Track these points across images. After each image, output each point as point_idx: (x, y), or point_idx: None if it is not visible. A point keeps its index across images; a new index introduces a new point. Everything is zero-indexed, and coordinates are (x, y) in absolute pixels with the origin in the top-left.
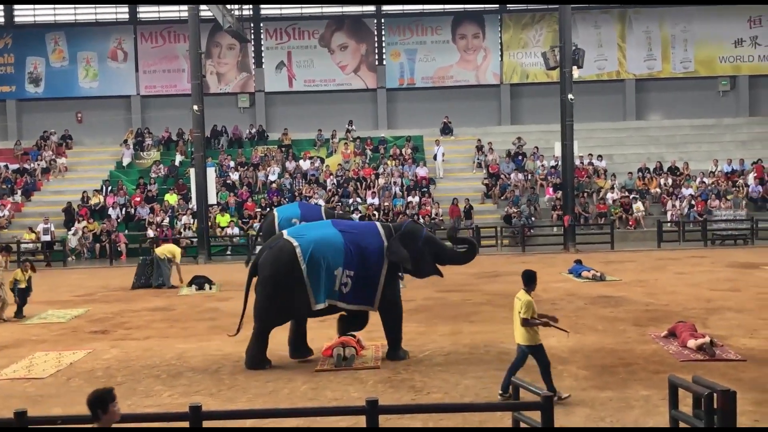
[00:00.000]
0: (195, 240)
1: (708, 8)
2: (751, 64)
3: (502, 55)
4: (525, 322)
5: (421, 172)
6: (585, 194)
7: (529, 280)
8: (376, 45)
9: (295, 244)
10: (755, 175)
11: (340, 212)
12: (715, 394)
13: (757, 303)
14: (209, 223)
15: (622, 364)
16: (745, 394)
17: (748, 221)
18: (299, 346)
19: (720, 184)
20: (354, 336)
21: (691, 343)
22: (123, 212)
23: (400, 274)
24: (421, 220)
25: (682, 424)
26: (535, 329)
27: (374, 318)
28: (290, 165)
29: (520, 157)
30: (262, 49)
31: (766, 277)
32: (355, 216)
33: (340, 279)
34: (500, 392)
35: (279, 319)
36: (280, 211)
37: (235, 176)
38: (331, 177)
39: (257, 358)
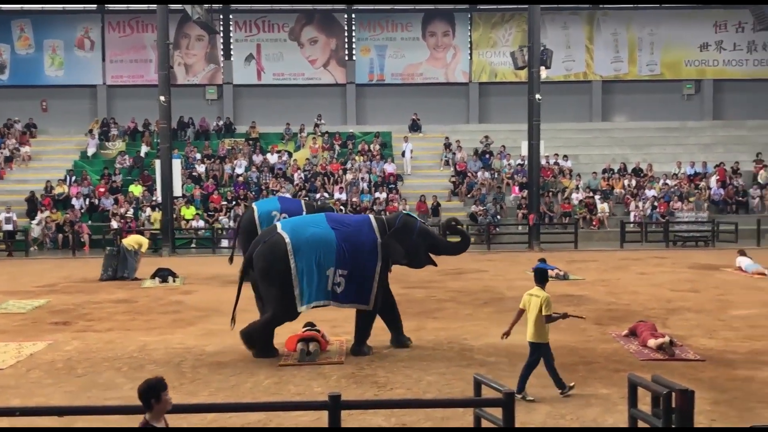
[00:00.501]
0: (158, 232)
1: (675, 12)
2: (716, 69)
3: (471, 54)
4: (549, 319)
5: (389, 168)
6: (550, 194)
7: (542, 277)
8: (346, 40)
9: (287, 240)
10: (717, 178)
11: (321, 204)
12: (673, 394)
13: (716, 304)
14: (174, 216)
15: (583, 363)
16: (704, 393)
17: (710, 223)
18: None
19: (683, 186)
20: (318, 331)
21: (651, 342)
22: (87, 203)
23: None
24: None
25: (640, 423)
26: (546, 326)
27: (336, 313)
28: (257, 158)
29: (487, 156)
30: (231, 41)
31: (726, 278)
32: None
33: (332, 279)
34: (516, 393)
35: (293, 308)
36: (259, 204)
37: (201, 169)
38: (299, 171)
39: (264, 347)
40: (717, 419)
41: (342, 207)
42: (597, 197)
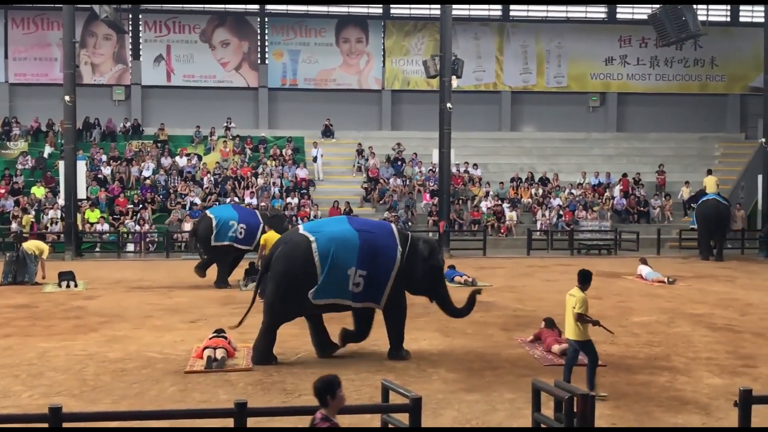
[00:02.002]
0: (60, 236)
1: (581, 26)
2: (620, 82)
3: (384, 61)
4: (579, 318)
5: (301, 173)
6: (460, 201)
7: (585, 278)
8: (259, 43)
9: (312, 239)
10: (621, 188)
11: (273, 213)
12: (575, 398)
13: (617, 311)
14: (78, 219)
15: (490, 368)
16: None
17: (613, 232)
18: (323, 343)
19: (587, 196)
20: (226, 338)
21: (555, 348)
22: None
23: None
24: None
25: (543, 427)
26: (586, 325)
27: (248, 319)
28: (166, 161)
29: (399, 163)
30: (141, 41)
31: (627, 286)
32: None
33: (353, 279)
34: (596, 393)
35: (289, 315)
36: (215, 212)
37: (107, 171)
38: (209, 175)
39: (265, 354)
40: (617, 423)
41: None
42: (505, 205)
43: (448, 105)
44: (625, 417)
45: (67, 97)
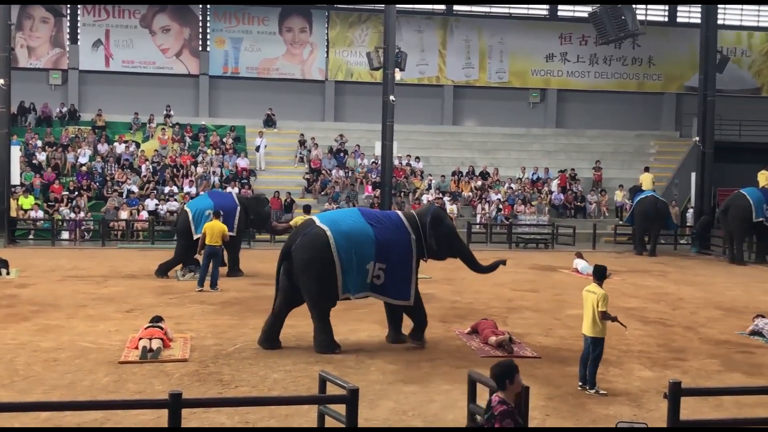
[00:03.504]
0: None
1: (523, 23)
2: (560, 79)
3: (328, 52)
4: (604, 315)
5: (242, 162)
6: (402, 194)
7: (601, 274)
8: (201, 30)
9: (329, 234)
10: (559, 183)
11: (255, 196)
12: None
13: (553, 304)
14: (11, 205)
15: (427, 359)
16: (539, 389)
17: (550, 227)
18: (272, 335)
19: (526, 191)
20: (162, 328)
21: (492, 340)
22: None
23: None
24: None
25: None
26: (605, 322)
27: (183, 310)
28: (103, 148)
29: (341, 154)
30: (78, 25)
31: (563, 279)
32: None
33: (372, 272)
34: (579, 384)
35: (333, 297)
36: (191, 205)
37: (42, 156)
38: (147, 163)
39: (327, 342)
40: (551, 414)
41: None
42: (446, 198)
43: (391, 97)
44: (558, 408)
45: (1, 81)
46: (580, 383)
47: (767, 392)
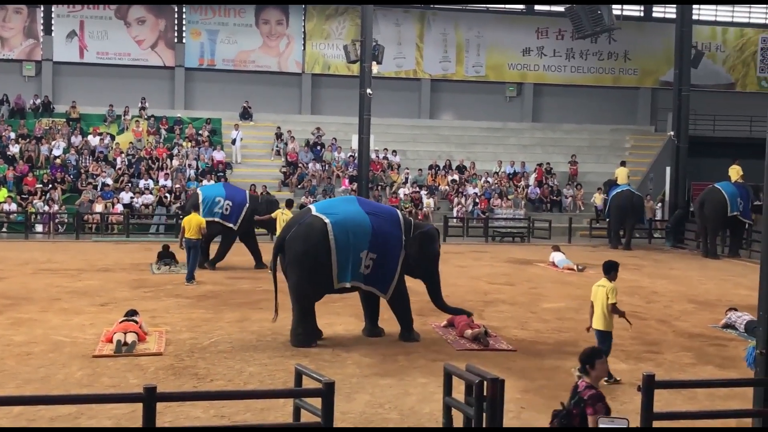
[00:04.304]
0: None
1: (500, 16)
2: (537, 73)
3: (305, 44)
4: (614, 308)
5: (218, 155)
6: (379, 187)
7: (611, 269)
8: (176, 22)
9: (326, 221)
10: (535, 177)
11: (266, 197)
12: (485, 382)
13: (528, 297)
14: None
15: (403, 353)
16: (514, 382)
17: (526, 220)
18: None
19: (502, 185)
20: (136, 322)
21: (468, 333)
22: None
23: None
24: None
25: (454, 411)
26: (613, 316)
27: (157, 303)
28: (77, 140)
29: (318, 147)
30: (53, 15)
31: (539, 273)
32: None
33: (364, 261)
34: (605, 379)
35: (317, 294)
36: (204, 189)
37: (15, 149)
38: (122, 155)
39: (305, 336)
40: (526, 407)
41: (167, 194)
42: (423, 192)
43: (368, 91)
44: (533, 401)
45: None
46: (606, 378)
47: (739, 384)
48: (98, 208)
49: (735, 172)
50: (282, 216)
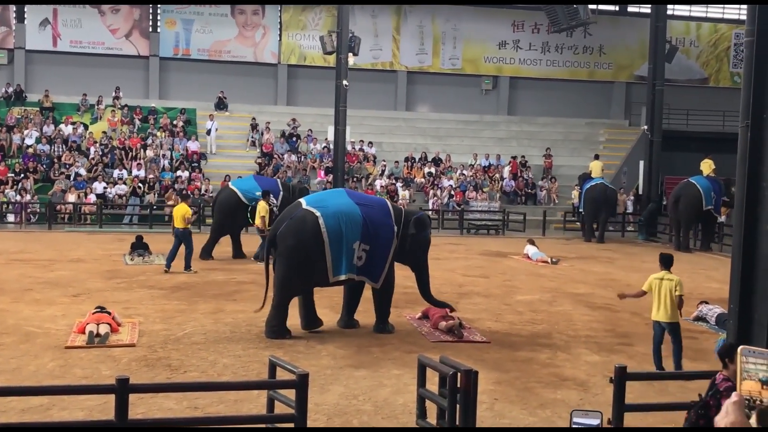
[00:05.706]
0: None
1: (476, 9)
2: (512, 66)
3: (281, 35)
4: (681, 301)
5: (193, 146)
6: (355, 179)
7: (670, 261)
8: (151, 11)
9: (318, 214)
10: (510, 170)
11: (298, 185)
12: (458, 374)
13: (502, 289)
14: None
15: (378, 344)
16: (488, 373)
17: (501, 213)
18: (311, 318)
19: (478, 177)
20: (109, 313)
21: (442, 325)
22: None
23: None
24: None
25: (428, 402)
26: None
27: (130, 294)
28: (49, 129)
29: (294, 139)
30: (25, 3)
31: (513, 265)
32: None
33: (357, 253)
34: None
35: (300, 289)
36: (238, 184)
37: None
38: (95, 145)
39: (279, 328)
40: (499, 398)
41: (141, 184)
42: (399, 184)
43: (344, 82)
44: (506, 392)
45: None
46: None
47: (710, 376)
48: (71, 198)
49: (707, 166)
50: (259, 207)
